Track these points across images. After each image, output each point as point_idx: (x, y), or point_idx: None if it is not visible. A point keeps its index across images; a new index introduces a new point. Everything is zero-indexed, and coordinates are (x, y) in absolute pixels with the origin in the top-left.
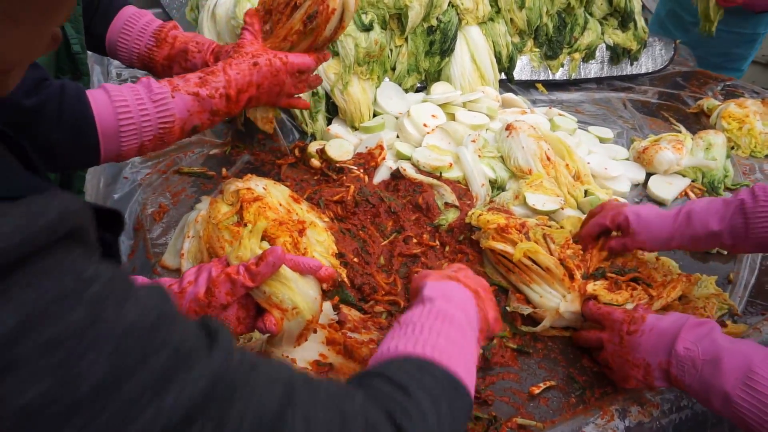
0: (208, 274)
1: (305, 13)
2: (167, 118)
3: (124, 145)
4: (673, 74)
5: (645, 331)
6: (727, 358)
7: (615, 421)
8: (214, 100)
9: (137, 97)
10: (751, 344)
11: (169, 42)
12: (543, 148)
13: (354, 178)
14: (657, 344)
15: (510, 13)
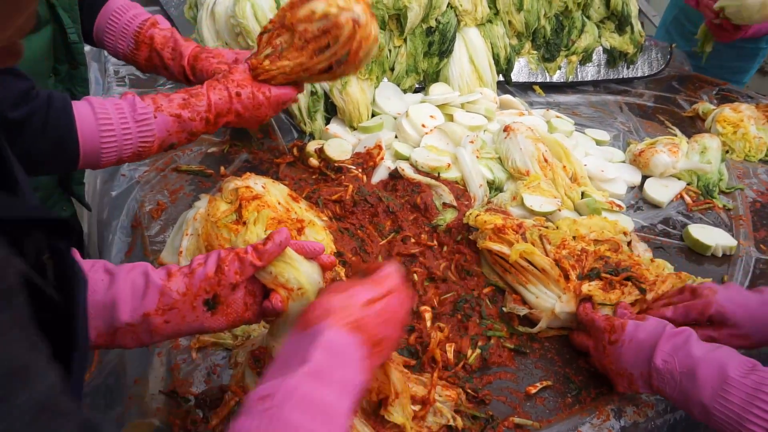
0: (218, 255)
1: (334, 55)
2: (148, 137)
3: (102, 159)
4: (669, 78)
5: (625, 342)
6: (703, 369)
7: (611, 421)
8: (195, 122)
9: (121, 115)
10: (726, 352)
11: (147, 44)
12: (540, 149)
13: (352, 177)
14: (637, 356)
15: (508, 15)
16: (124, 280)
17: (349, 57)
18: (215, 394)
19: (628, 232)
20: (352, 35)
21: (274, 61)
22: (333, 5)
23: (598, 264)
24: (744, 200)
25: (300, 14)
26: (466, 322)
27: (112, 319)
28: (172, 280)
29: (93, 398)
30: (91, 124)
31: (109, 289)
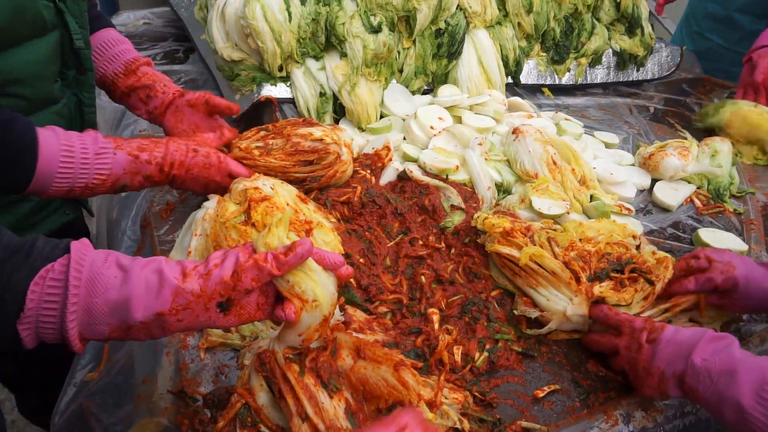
0: (236, 259)
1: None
2: (104, 170)
3: (53, 185)
4: (679, 80)
5: (663, 341)
6: (743, 371)
7: (619, 426)
8: (150, 166)
9: (83, 145)
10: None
11: (138, 75)
12: (549, 152)
13: (361, 179)
14: (675, 354)
15: (518, 17)
16: (137, 277)
17: (323, 179)
18: (223, 395)
19: (638, 235)
20: (333, 164)
21: (263, 155)
22: (328, 135)
23: (602, 263)
24: (755, 204)
25: (299, 131)
26: (473, 324)
27: (126, 317)
28: (187, 281)
29: (102, 396)
30: (53, 147)
31: (122, 287)
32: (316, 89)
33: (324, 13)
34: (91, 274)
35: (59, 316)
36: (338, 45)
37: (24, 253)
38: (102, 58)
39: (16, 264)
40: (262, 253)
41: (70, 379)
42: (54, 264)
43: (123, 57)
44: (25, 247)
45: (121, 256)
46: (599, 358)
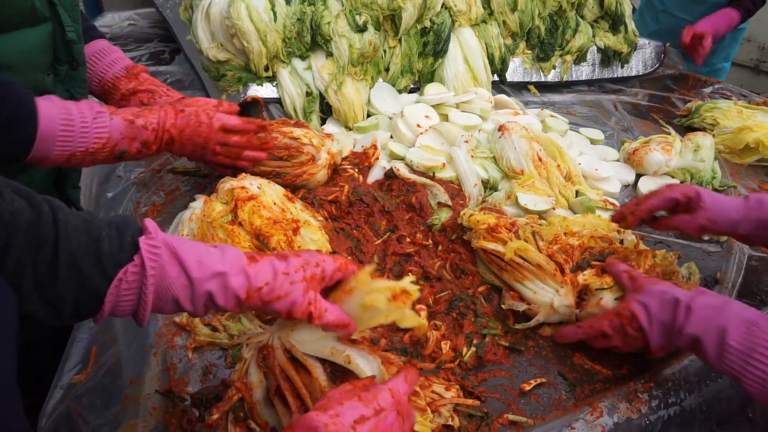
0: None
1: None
2: (102, 133)
3: (55, 151)
4: (663, 77)
5: (647, 326)
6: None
7: (604, 417)
8: (146, 131)
9: (80, 110)
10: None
11: (140, 80)
12: (535, 148)
13: (348, 177)
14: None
15: (503, 15)
16: (204, 294)
17: (288, 176)
18: (211, 393)
19: (622, 229)
20: (304, 164)
21: None
22: (307, 137)
23: (585, 255)
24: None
25: (282, 128)
26: (461, 320)
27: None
28: (248, 303)
29: (89, 398)
30: (52, 111)
31: (191, 301)
32: (302, 89)
33: (309, 12)
34: (162, 284)
35: (132, 311)
36: (324, 44)
37: (93, 258)
38: (101, 63)
39: (89, 272)
40: (319, 310)
41: (56, 382)
42: (126, 272)
43: (122, 63)
44: (92, 252)
45: (187, 261)
46: (585, 351)
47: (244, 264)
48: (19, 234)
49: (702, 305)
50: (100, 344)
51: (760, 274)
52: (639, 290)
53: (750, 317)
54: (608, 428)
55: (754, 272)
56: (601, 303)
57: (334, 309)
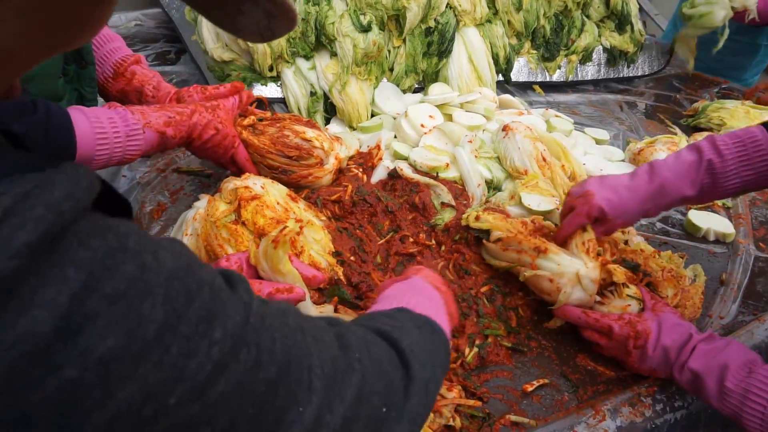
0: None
1: (288, 164)
2: (135, 150)
3: (91, 166)
4: (670, 77)
5: (649, 348)
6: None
7: (606, 422)
8: (174, 140)
9: (114, 128)
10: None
11: (127, 77)
12: (539, 148)
13: (352, 177)
14: (662, 359)
15: (507, 15)
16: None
17: (293, 175)
18: None
19: (626, 230)
20: (311, 166)
21: (250, 134)
22: (319, 140)
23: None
24: (743, 198)
25: (295, 127)
26: (463, 320)
27: None
28: None
29: None
30: (89, 137)
31: None
32: (306, 88)
33: (313, 12)
34: None
35: None
36: (328, 44)
37: None
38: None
39: None
40: (254, 285)
41: None
42: None
43: (112, 58)
44: None
45: None
46: (588, 352)
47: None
48: None
49: (707, 348)
50: None
51: (766, 276)
52: (658, 312)
53: (752, 358)
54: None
55: (761, 274)
56: (628, 309)
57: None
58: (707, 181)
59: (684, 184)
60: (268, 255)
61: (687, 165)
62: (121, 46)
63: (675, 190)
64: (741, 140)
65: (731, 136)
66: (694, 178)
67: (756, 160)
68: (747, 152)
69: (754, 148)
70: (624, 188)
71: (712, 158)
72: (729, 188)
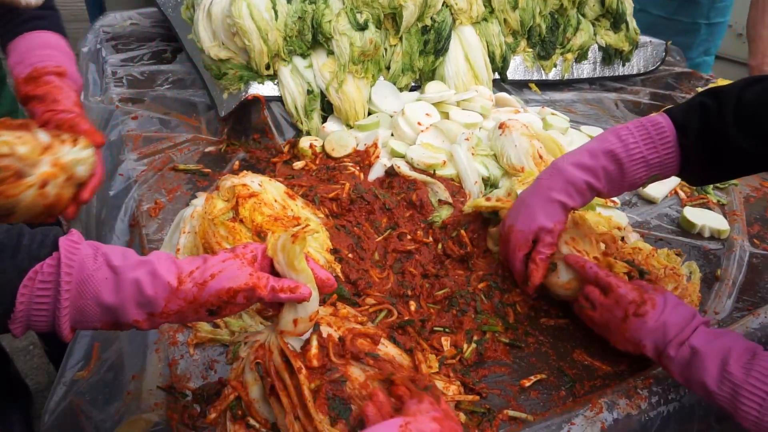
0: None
1: None
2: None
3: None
4: (665, 75)
5: (649, 319)
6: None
7: (603, 414)
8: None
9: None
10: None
11: (37, 83)
12: (535, 146)
13: (349, 175)
14: (658, 333)
15: (503, 13)
16: (130, 283)
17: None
18: (212, 389)
19: (622, 226)
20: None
21: None
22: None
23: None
24: (738, 195)
25: None
26: (461, 317)
27: (118, 318)
28: (182, 288)
29: (92, 394)
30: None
31: (115, 292)
32: (303, 87)
33: (310, 11)
34: (81, 277)
35: (50, 314)
36: (325, 43)
37: (10, 252)
38: (17, 60)
39: (2, 264)
40: (262, 279)
41: (59, 378)
42: (43, 265)
43: (36, 62)
44: (10, 245)
45: (111, 254)
46: (585, 347)
47: (171, 256)
48: None
49: (710, 330)
50: (102, 340)
51: (760, 272)
52: (665, 292)
53: (753, 346)
54: (608, 424)
55: (755, 270)
56: None
57: (276, 278)
58: (612, 168)
59: (587, 174)
60: (285, 249)
61: (586, 152)
62: (54, 54)
63: (578, 179)
64: (643, 125)
65: (634, 122)
66: (593, 164)
67: (660, 145)
68: (651, 137)
69: (658, 133)
70: (528, 196)
71: (613, 146)
72: (636, 176)
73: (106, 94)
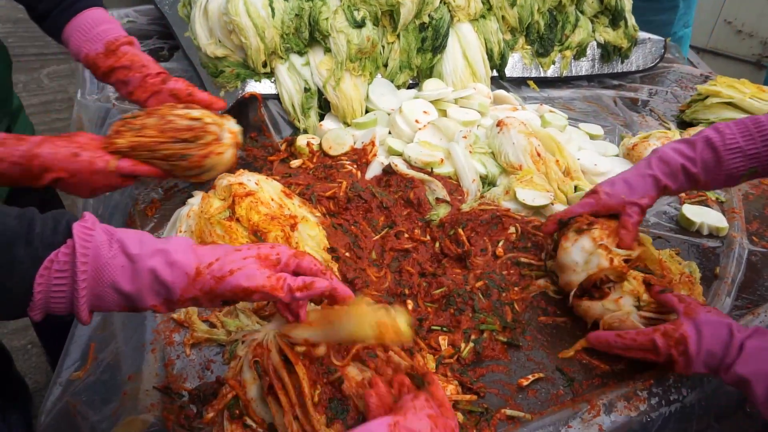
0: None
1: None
2: None
3: None
4: (663, 72)
5: (693, 355)
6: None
7: (601, 417)
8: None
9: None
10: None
11: (117, 55)
12: (533, 144)
13: (346, 173)
14: (711, 362)
15: (501, 10)
16: (147, 272)
17: (193, 158)
18: (209, 389)
19: None
20: (209, 144)
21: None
22: (209, 116)
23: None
24: (737, 193)
25: (176, 111)
26: (458, 316)
27: (135, 303)
28: (199, 280)
29: (88, 394)
30: None
31: (132, 280)
32: (300, 85)
33: (307, 8)
34: (97, 264)
35: (68, 300)
36: (322, 40)
37: (23, 240)
38: (84, 39)
39: (17, 254)
40: (280, 280)
41: (56, 378)
42: (58, 253)
43: (105, 37)
44: (22, 233)
45: (126, 240)
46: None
47: (191, 243)
48: None
49: (756, 347)
50: (98, 341)
51: (759, 270)
52: (692, 314)
53: None
54: (605, 426)
55: (754, 268)
56: (620, 302)
57: (296, 279)
58: (708, 155)
59: (682, 158)
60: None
61: (684, 140)
62: (113, 28)
63: (674, 160)
64: (743, 121)
65: (734, 120)
66: (690, 150)
67: (758, 137)
68: (749, 131)
69: (757, 128)
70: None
71: (709, 134)
72: (732, 165)
73: (102, 92)
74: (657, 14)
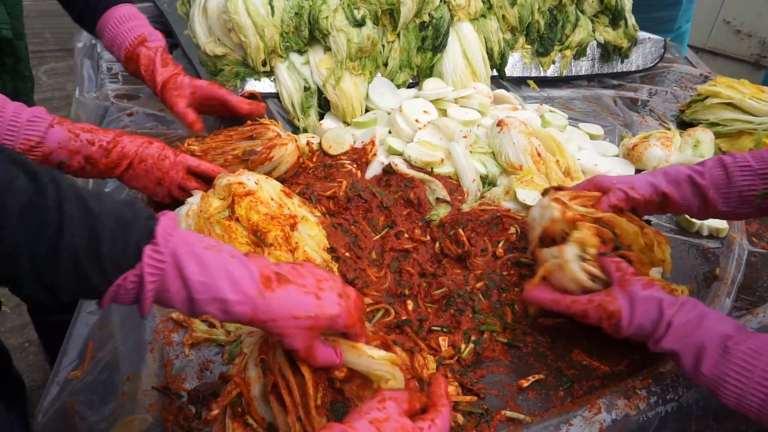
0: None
1: (252, 144)
2: (33, 137)
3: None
4: (663, 72)
5: (625, 328)
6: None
7: (602, 414)
8: (93, 147)
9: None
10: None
11: (135, 60)
12: (534, 144)
13: (346, 173)
14: (641, 335)
15: (502, 9)
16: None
17: (262, 152)
18: (208, 390)
19: None
20: (272, 139)
21: (200, 145)
22: (265, 121)
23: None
24: None
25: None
26: (458, 316)
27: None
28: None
29: (86, 394)
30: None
31: (191, 312)
32: (300, 83)
33: (307, 6)
34: (160, 297)
35: (134, 301)
36: (322, 39)
37: (95, 257)
38: (113, 34)
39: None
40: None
41: (53, 378)
42: (126, 279)
43: (124, 42)
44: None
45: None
46: (583, 347)
47: (256, 291)
48: (12, 213)
49: (681, 322)
50: (96, 340)
51: (759, 271)
52: (626, 286)
53: (726, 332)
54: (606, 425)
55: (754, 268)
56: (563, 247)
57: (326, 352)
58: (717, 172)
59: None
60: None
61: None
62: (134, 26)
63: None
64: (758, 151)
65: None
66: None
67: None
68: (762, 155)
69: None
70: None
71: (720, 155)
72: (743, 182)
73: (101, 90)
74: (660, 11)
